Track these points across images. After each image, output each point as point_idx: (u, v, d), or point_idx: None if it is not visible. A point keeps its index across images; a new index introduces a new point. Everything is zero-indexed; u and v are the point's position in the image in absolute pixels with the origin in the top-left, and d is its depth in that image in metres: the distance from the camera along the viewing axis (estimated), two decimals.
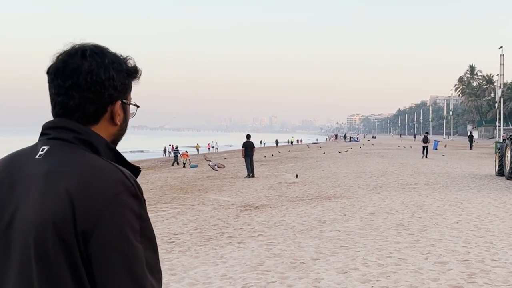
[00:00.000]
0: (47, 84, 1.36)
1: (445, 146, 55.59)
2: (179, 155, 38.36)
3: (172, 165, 37.11)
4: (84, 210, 1.20)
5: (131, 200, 1.23)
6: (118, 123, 1.39)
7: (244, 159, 22.45)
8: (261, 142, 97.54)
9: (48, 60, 1.35)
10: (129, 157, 1.40)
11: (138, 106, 1.48)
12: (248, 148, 22.26)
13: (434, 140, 44.83)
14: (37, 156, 1.30)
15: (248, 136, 23.01)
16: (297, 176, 20.25)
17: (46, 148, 1.30)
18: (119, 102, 1.37)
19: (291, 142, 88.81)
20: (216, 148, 76.81)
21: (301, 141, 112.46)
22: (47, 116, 1.39)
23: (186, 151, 38.87)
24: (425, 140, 35.42)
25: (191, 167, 32.57)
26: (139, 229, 1.22)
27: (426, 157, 33.43)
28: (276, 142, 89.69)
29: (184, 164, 35.28)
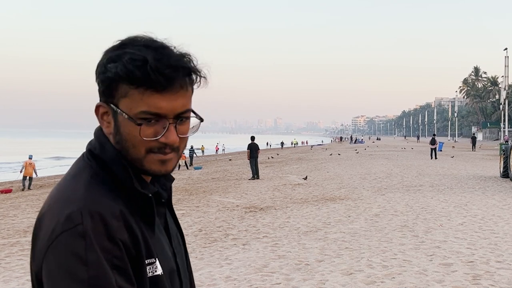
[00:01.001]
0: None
1: (453, 147, 55.47)
2: (194, 155, 38.20)
3: (191, 164, 36.99)
4: (34, 247, 1.07)
5: (75, 242, 0.99)
6: (106, 130, 1.13)
7: (249, 160, 22.53)
8: (267, 143, 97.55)
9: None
10: None
11: (199, 117, 1.19)
12: (253, 150, 22.29)
13: (439, 142, 44.91)
14: None
15: (253, 138, 23.05)
16: (306, 178, 20.13)
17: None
18: (100, 105, 1.12)
19: (295, 144, 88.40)
20: (223, 150, 77.20)
21: (306, 142, 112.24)
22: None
23: (183, 153, 39.01)
24: (433, 142, 35.50)
25: (195, 169, 32.62)
26: (87, 278, 0.98)
27: (435, 157, 33.67)
28: (282, 143, 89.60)
29: (180, 165, 35.29)
